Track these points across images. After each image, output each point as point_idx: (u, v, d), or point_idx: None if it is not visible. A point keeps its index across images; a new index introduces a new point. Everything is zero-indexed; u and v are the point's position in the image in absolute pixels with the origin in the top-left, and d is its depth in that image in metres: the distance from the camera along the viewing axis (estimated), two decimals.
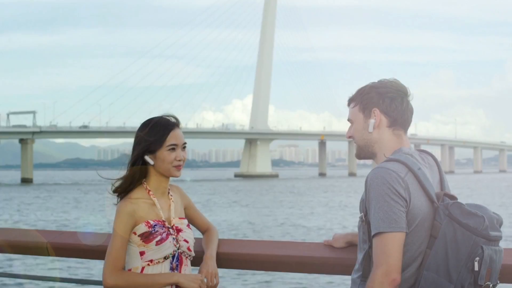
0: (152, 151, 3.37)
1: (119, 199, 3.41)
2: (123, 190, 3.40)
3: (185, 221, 3.49)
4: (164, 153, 3.36)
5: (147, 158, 3.37)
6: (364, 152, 3.06)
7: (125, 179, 3.40)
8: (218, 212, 41.54)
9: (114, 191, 3.41)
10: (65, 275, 18.22)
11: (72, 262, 19.94)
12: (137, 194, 3.39)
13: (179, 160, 3.40)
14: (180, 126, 3.47)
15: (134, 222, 3.31)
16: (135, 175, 3.39)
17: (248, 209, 45.47)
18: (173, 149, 3.38)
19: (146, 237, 3.30)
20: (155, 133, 3.37)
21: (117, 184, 3.41)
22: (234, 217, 37.82)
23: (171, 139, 3.38)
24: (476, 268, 2.62)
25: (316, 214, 41.32)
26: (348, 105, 3.11)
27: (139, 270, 3.30)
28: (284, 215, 40.39)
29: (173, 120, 3.45)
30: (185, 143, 3.44)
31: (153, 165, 3.39)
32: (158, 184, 3.43)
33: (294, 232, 30.52)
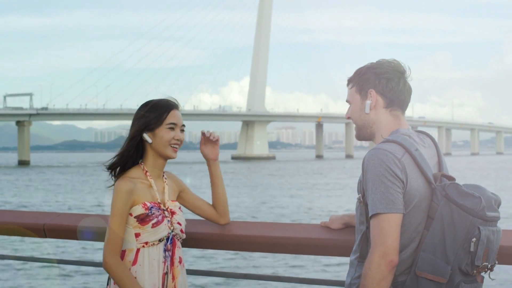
0: (151, 129, 3.38)
1: (115, 179, 3.40)
2: (120, 165, 3.40)
3: (177, 204, 3.51)
4: (163, 130, 3.37)
5: (145, 135, 3.38)
6: (363, 133, 3.05)
7: (121, 155, 3.40)
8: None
9: (109, 168, 3.41)
10: (61, 256, 18.26)
11: (69, 243, 19.98)
12: (135, 173, 3.38)
13: (177, 140, 3.41)
14: (180, 108, 3.49)
15: (132, 201, 3.30)
16: (131, 152, 3.39)
17: (244, 191, 45.54)
18: (172, 128, 3.40)
19: (142, 219, 3.30)
20: (155, 111, 3.39)
21: (114, 160, 3.41)
22: (230, 199, 37.86)
23: (171, 117, 3.40)
24: (473, 249, 2.62)
25: (313, 195, 41.39)
26: (347, 85, 3.10)
27: (134, 252, 3.30)
28: (281, 196, 40.46)
29: (172, 101, 3.47)
30: (183, 125, 3.46)
31: (150, 144, 3.39)
32: (154, 165, 3.43)
33: (291, 214, 30.59)
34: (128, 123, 3.54)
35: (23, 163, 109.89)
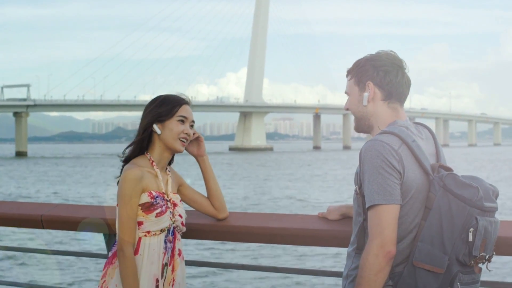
0: (161, 120, 3.40)
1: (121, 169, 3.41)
2: (134, 156, 3.42)
3: (179, 196, 3.52)
4: (173, 123, 3.40)
5: (155, 126, 3.39)
6: (361, 125, 3.05)
7: (135, 145, 3.42)
8: None
9: (126, 158, 3.42)
10: (59, 247, 18.28)
11: (67, 234, 19.99)
12: (141, 162, 3.40)
13: (186, 134, 3.43)
14: (191, 104, 3.51)
15: (141, 189, 3.31)
16: (144, 143, 3.42)
17: (242, 182, 45.56)
18: (182, 121, 3.42)
19: (147, 208, 3.31)
20: (167, 103, 3.42)
21: (129, 152, 3.44)
22: (228, 191, 37.88)
23: (182, 111, 3.42)
24: (470, 239, 2.62)
25: (310, 187, 41.41)
26: (346, 77, 3.10)
27: (136, 240, 3.31)
28: (279, 188, 40.48)
29: (184, 97, 3.50)
30: (193, 121, 3.48)
31: (159, 135, 3.40)
32: (160, 157, 3.45)
33: (289, 205, 30.62)
34: (126, 114, 3.60)
35: (20, 154, 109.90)
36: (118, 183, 3.35)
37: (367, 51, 3.07)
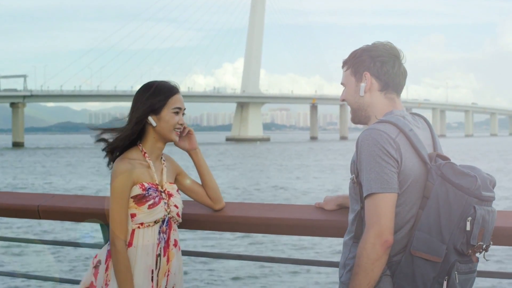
0: (156, 112, 3.36)
1: (111, 161, 3.39)
2: (121, 150, 3.37)
3: (175, 186, 3.50)
4: (168, 114, 3.36)
5: (150, 119, 3.35)
6: (358, 116, 3.04)
7: (124, 138, 3.36)
8: None
9: (110, 151, 3.38)
10: (55, 238, 18.28)
11: (64, 224, 20.00)
12: (133, 155, 3.37)
13: (181, 124, 3.41)
14: (180, 92, 3.47)
15: (132, 182, 3.29)
16: (134, 136, 3.37)
17: (239, 173, 45.57)
18: (177, 112, 3.38)
19: (139, 200, 3.29)
20: (161, 93, 3.36)
21: (114, 143, 3.38)
22: (225, 181, 37.89)
23: (176, 101, 3.38)
24: (468, 228, 2.62)
25: (307, 177, 41.43)
26: (342, 67, 3.09)
27: (129, 232, 3.30)
28: (275, 178, 40.49)
29: (174, 85, 3.44)
30: (184, 109, 3.45)
31: (154, 127, 3.37)
32: (153, 147, 3.42)
33: (286, 195, 30.63)
34: (122, 104, 3.52)
35: (17, 145, 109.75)
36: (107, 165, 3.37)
37: (364, 42, 3.05)
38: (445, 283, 2.66)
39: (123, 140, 3.37)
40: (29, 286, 12.33)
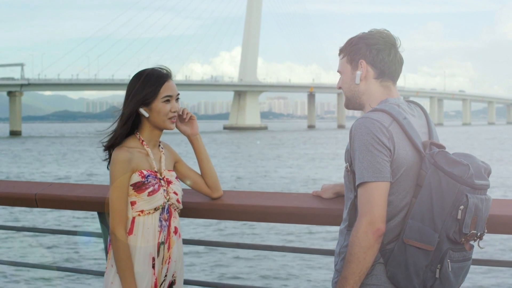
0: (147, 104, 3.35)
1: (107, 153, 3.39)
2: (117, 144, 3.36)
3: (174, 174, 3.50)
4: (159, 104, 3.34)
5: (141, 110, 3.35)
6: (352, 103, 3.05)
7: (118, 134, 3.36)
8: None
9: (108, 147, 3.38)
10: (53, 226, 18.30)
11: (62, 213, 20.01)
12: (131, 143, 3.37)
13: (174, 112, 3.39)
14: (172, 77, 3.44)
15: (131, 170, 3.30)
16: (128, 130, 3.37)
17: (237, 161, 45.57)
18: (168, 100, 3.36)
19: (138, 187, 3.30)
20: (150, 84, 3.34)
21: (108, 139, 3.38)
22: (223, 169, 37.89)
23: (166, 90, 3.36)
24: (460, 217, 2.63)
25: (304, 165, 41.45)
26: (339, 55, 3.09)
27: (130, 220, 3.30)
28: (273, 166, 40.52)
29: (165, 71, 3.42)
30: (178, 94, 3.42)
31: (147, 118, 3.37)
32: (151, 135, 3.42)
33: (283, 183, 30.65)
34: (120, 93, 3.52)
35: (14, 134, 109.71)
36: (107, 166, 3.36)
37: (361, 30, 3.06)
38: (437, 271, 2.67)
39: (119, 137, 3.37)
40: (24, 275, 12.36)
